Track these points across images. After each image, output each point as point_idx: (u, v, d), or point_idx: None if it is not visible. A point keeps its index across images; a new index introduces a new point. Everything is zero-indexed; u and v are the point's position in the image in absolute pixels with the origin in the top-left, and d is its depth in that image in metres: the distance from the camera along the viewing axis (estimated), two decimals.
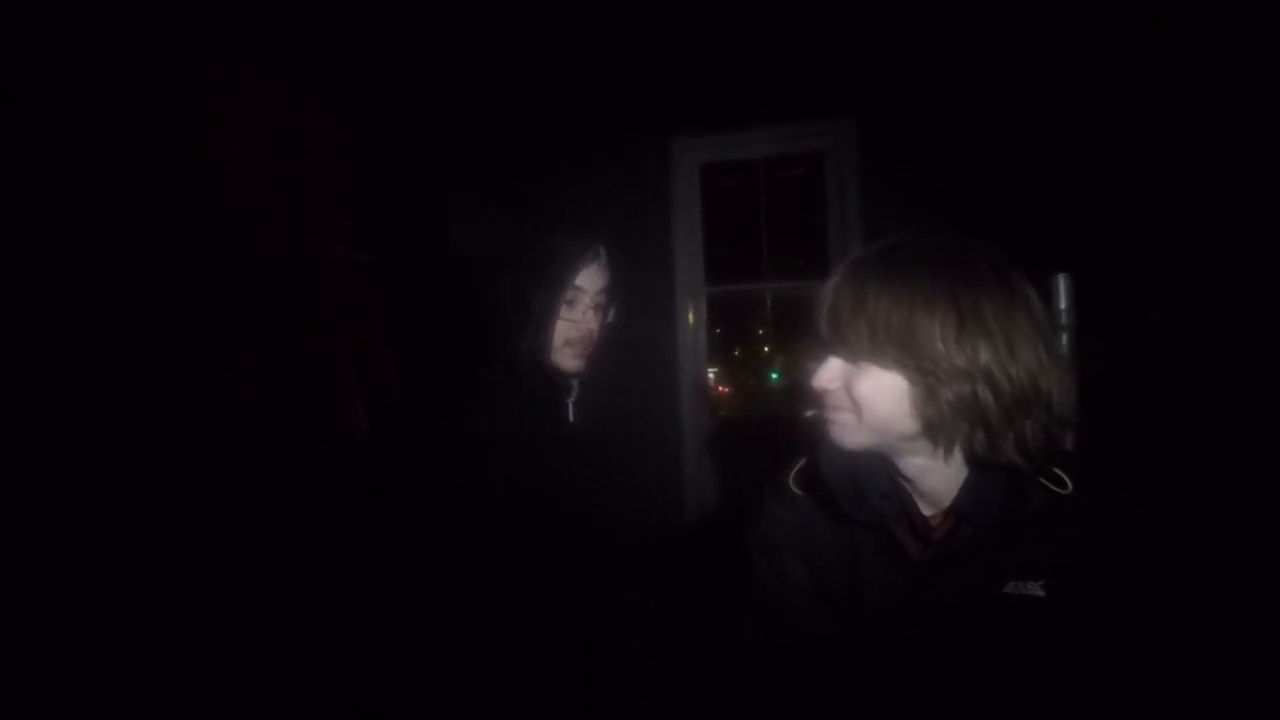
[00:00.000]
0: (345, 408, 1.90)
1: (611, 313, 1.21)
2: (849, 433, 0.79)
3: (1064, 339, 1.19)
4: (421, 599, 1.08)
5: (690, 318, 2.75)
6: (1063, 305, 1.20)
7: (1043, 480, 0.77)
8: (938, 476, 0.80)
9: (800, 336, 0.87)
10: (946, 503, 0.82)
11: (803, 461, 0.91)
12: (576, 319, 1.14)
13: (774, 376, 3.23)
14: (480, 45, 2.51)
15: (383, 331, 2.09)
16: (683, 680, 1.32)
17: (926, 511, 0.83)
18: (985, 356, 0.71)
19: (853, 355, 0.76)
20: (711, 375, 3.23)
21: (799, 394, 0.89)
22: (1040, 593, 0.75)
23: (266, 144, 1.82)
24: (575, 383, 1.20)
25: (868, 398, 0.76)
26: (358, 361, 1.96)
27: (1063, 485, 0.77)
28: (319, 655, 1.46)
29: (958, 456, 0.79)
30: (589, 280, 1.15)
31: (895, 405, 0.76)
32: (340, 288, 1.98)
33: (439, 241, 2.42)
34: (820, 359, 0.80)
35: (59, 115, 1.31)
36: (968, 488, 0.80)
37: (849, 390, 0.77)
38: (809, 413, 0.89)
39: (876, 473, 0.83)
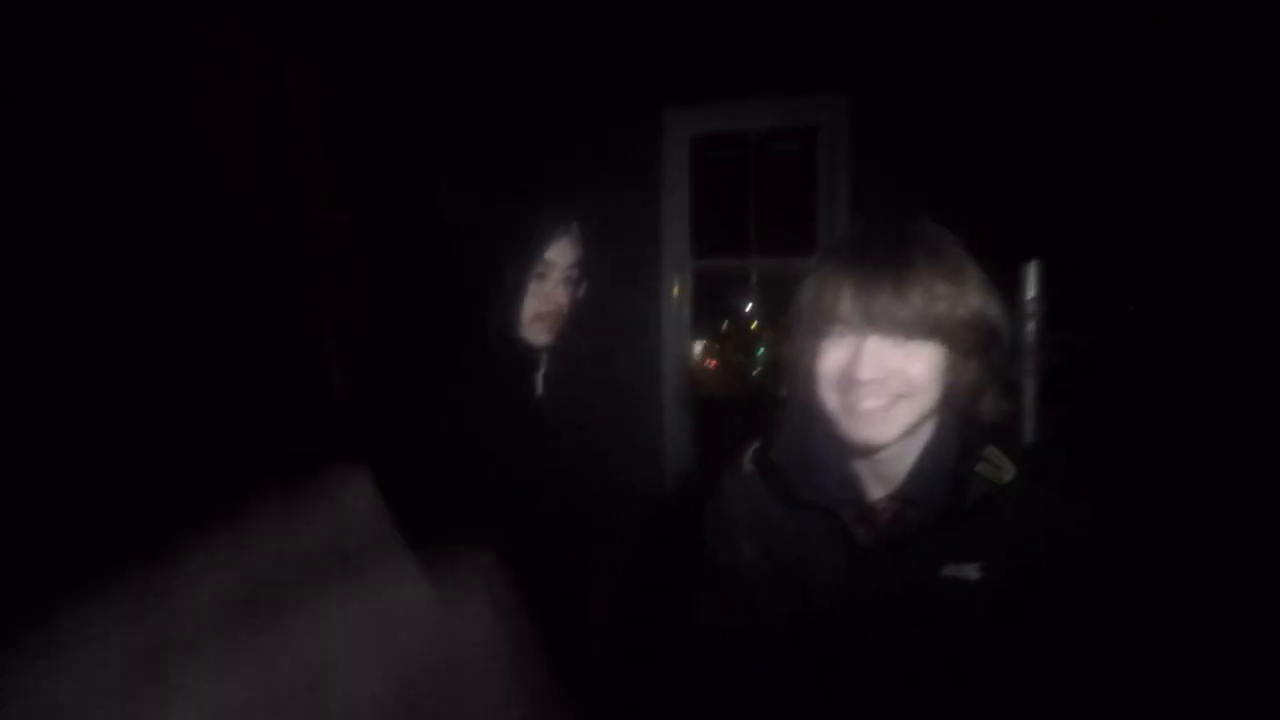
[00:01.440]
0: (326, 373, 1.91)
1: (583, 287, 1.21)
2: (899, 418, 0.76)
3: (1030, 328, 1.20)
4: (394, 567, 1.10)
5: (675, 290, 2.75)
6: (1031, 294, 1.21)
7: (986, 469, 0.79)
8: (902, 459, 0.82)
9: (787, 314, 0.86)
10: (894, 487, 0.84)
11: (758, 444, 0.93)
12: (547, 293, 1.14)
13: (760, 352, 3.24)
14: (470, 9, 2.45)
15: (365, 295, 2.08)
16: (648, 658, 1.35)
17: (875, 496, 0.85)
18: (994, 312, 0.77)
19: (904, 333, 0.74)
20: (699, 349, 3.24)
21: (779, 371, 0.89)
22: (976, 576, 0.78)
23: (251, 103, 1.79)
24: (545, 356, 1.21)
25: (920, 377, 0.75)
26: (339, 325, 1.96)
27: (1005, 474, 0.79)
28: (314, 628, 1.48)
29: (923, 435, 0.81)
30: (560, 254, 1.14)
31: (935, 379, 0.76)
32: (324, 251, 1.97)
33: (424, 209, 2.40)
34: (842, 345, 0.76)
35: (36, 73, 1.28)
36: (915, 473, 0.82)
37: (903, 373, 0.75)
38: (784, 391, 0.90)
39: (828, 457, 0.85)
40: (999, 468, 0.79)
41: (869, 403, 0.76)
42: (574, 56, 2.61)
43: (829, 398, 0.79)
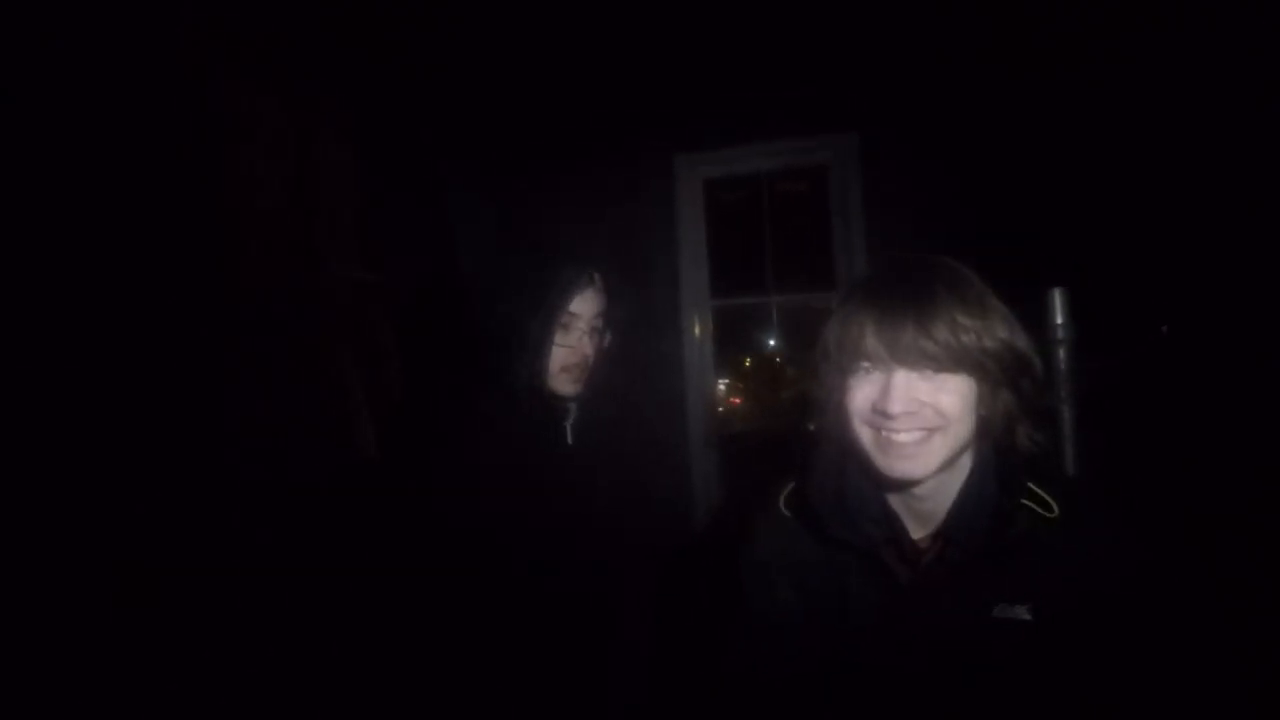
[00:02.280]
0: (353, 427, 1.93)
1: (608, 337, 1.23)
2: (934, 451, 0.76)
3: (1061, 355, 1.19)
4: (423, 620, 1.10)
5: (696, 330, 2.76)
6: (1059, 320, 1.20)
7: (1029, 504, 0.78)
8: (941, 495, 0.81)
9: (810, 349, 0.86)
10: (935, 526, 0.82)
11: (792, 484, 0.92)
12: (572, 344, 1.16)
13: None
14: (489, 67, 2.55)
15: (393, 351, 2.12)
16: (681, 703, 1.32)
17: (915, 535, 0.83)
18: (1022, 343, 0.77)
19: (932, 366, 0.74)
20: (723, 386, 3.23)
21: (808, 407, 0.88)
22: (1027, 617, 0.76)
23: (279, 163, 1.86)
24: (573, 406, 1.22)
25: (952, 408, 0.75)
26: (367, 380, 1.99)
27: (1049, 509, 0.77)
28: (323, 667, 1.47)
29: (961, 470, 0.80)
30: (583, 306, 1.16)
31: (967, 411, 0.76)
32: (350, 307, 2.02)
33: (447, 262, 2.45)
34: (871, 381, 0.76)
35: (72, 135, 1.34)
36: (956, 510, 0.80)
37: (934, 405, 0.75)
38: (813, 426, 0.90)
39: (865, 496, 0.83)
40: (1043, 502, 0.77)
41: (902, 436, 0.76)
42: (591, 111, 2.69)
43: (862, 433, 0.79)
